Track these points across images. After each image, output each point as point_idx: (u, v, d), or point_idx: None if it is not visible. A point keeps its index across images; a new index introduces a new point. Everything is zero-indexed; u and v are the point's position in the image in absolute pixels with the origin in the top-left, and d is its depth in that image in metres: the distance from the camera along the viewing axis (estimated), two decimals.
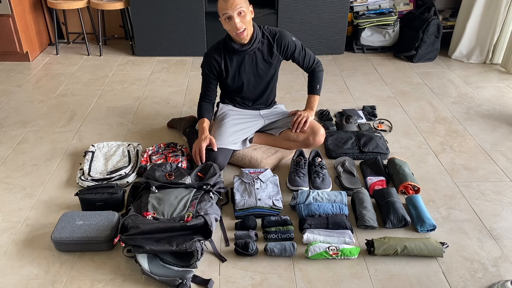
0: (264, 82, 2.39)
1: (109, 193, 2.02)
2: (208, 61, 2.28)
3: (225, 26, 2.12)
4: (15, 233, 1.92)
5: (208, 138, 2.21)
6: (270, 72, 2.37)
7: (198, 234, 1.76)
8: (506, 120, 2.89)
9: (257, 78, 2.35)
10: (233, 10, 2.04)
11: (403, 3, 4.00)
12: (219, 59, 2.26)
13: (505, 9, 3.52)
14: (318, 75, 2.43)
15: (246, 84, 2.36)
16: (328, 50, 3.94)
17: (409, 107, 3.05)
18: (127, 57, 3.90)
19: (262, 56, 2.29)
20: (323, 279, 1.71)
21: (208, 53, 2.28)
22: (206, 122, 2.31)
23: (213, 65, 2.28)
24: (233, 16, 2.05)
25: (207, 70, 2.30)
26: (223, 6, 2.05)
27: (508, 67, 3.57)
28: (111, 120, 2.85)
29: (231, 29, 2.11)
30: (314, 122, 2.40)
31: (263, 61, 2.31)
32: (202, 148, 2.18)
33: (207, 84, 2.35)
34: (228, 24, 2.09)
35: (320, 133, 2.36)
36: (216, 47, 2.28)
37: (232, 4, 2.03)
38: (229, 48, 2.23)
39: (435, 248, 1.79)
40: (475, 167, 2.40)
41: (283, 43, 2.29)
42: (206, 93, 2.37)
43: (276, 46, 2.28)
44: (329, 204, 1.99)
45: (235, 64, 2.28)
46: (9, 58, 3.72)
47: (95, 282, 1.69)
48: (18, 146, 2.56)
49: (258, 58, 2.29)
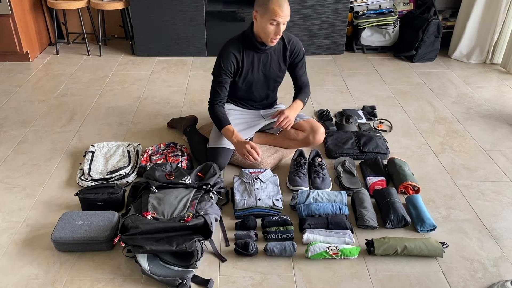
0: (272, 83, 2.39)
1: (109, 193, 2.02)
2: (227, 58, 2.20)
3: (265, 27, 2.08)
4: (15, 233, 1.92)
5: (249, 142, 2.12)
6: (279, 74, 2.36)
7: (198, 234, 1.76)
8: (506, 120, 2.89)
9: (266, 78, 2.34)
10: (284, 19, 2.05)
11: (403, 3, 4.00)
12: (238, 56, 2.22)
13: (505, 9, 3.52)
14: (306, 91, 2.40)
15: (255, 83, 2.34)
16: (328, 50, 3.94)
17: (409, 107, 3.05)
18: (127, 57, 3.90)
19: (276, 58, 2.30)
20: (323, 279, 1.71)
21: (227, 51, 2.20)
22: (233, 129, 2.20)
23: (232, 63, 2.21)
24: (281, 24, 2.07)
25: (224, 68, 2.20)
26: (276, 12, 2.02)
27: (508, 67, 3.57)
28: (111, 120, 2.85)
29: (271, 33, 2.09)
30: (314, 121, 2.40)
31: (276, 62, 2.31)
32: (251, 145, 2.10)
33: (221, 84, 2.24)
34: (272, 28, 2.07)
35: (320, 131, 2.36)
36: (233, 44, 2.22)
37: (285, 14, 2.04)
38: (250, 44, 2.21)
39: (435, 248, 1.79)
40: (475, 167, 2.40)
41: (296, 48, 2.30)
42: (220, 95, 2.25)
43: (290, 50, 2.29)
44: (329, 204, 1.99)
45: (250, 61, 2.25)
46: (9, 58, 3.72)
47: (95, 282, 1.69)
48: (18, 146, 2.56)
49: (272, 58, 2.29)
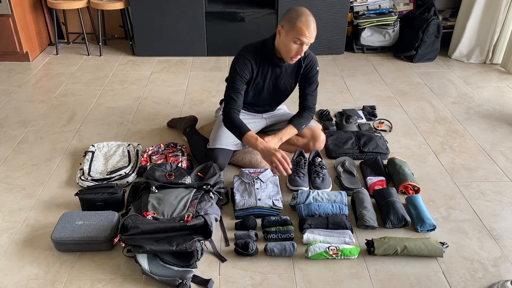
0: (279, 97, 2.36)
1: (109, 193, 2.01)
2: (244, 65, 2.12)
3: (287, 45, 2.01)
4: (15, 233, 1.92)
5: (279, 150, 2.03)
6: (288, 90, 2.32)
7: (198, 234, 1.76)
8: (506, 120, 2.89)
9: (275, 91, 2.30)
10: (309, 40, 1.99)
11: (403, 3, 4.00)
12: (254, 65, 2.15)
13: (505, 9, 3.52)
14: (307, 116, 2.30)
15: (263, 94, 2.29)
16: (328, 50, 3.94)
17: (409, 107, 3.05)
18: (127, 57, 3.90)
19: (289, 73, 2.24)
20: (323, 279, 1.71)
21: (244, 58, 2.13)
22: (255, 135, 2.10)
23: (248, 70, 2.14)
24: (304, 44, 2.01)
25: (240, 74, 2.13)
26: (302, 32, 1.96)
27: (508, 67, 3.57)
28: (111, 120, 2.85)
29: (292, 51, 2.02)
30: (316, 128, 2.39)
31: (289, 77, 2.25)
32: (283, 155, 2.00)
33: (237, 91, 2.14)
34: (295, 46, 2.00)
35: (321, 139, 2.36)
36: (251, 52, 2.15)
37: (311, 35, 1.98)
38: (268, 56, 2.14)
39: (435, 248, 1.79)
40: (475, 167, 2.40)
41: (311, 63, 2.22)
42: (236, 102, 2.14)
43: (304, 65, 2.22)
44: (329, 204, 1.99)
45: (263, 72, 2.19)
46: (9, 58, 3.71)
47: (95, 282, 1.69)
48: (18, 146, 2.56)
49: (286, 73, 2.23)
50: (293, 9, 2.02)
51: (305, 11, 1.99)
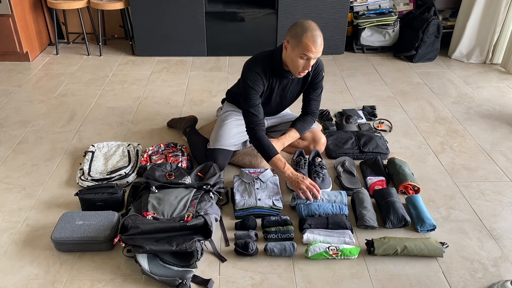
0: (286, 103, 2.35)
1: (109, 193, 2.01)
2: (256, 80, 2.09)
3: (294, 60, 1.98)
4: (15, 233, 1.92)
5: (307, 178, 2.04)
6: (295, 95, 2.30)
7: (198, 234, 1.76)
8: (506, 120, 2.89)
9: (282, 99, 2.29)
10: (315, 55, 1.96)
11: (403, 3, 4.00)
12: (264, 78, 2.11)
13: (505, 9, 3.52)
14: (309, 121, 2.31)
15: (270, 103, 2.28)
16: (328, 50, 3.93)
17: (409, 107, 3.05)
18: (127, 57, 3.90)
19: (296, 81, 2.22)
20: (323, 279, 1.71)
21: (254, 71, 2.09)
22: (284, 160, 2.10)
23: (261, 83, 2.11)
24: (311, 59, 1.98)
25: (254, 87, 2.09)
26: (309, 48, 1.92)
27: (508, 67, 3.57)
28: (111, 120, 2.85)
29: (299, 66, 1.99)
30: (317, 131, 2.39)
31: (296, 86, 2.24)
32: (311, 182, 2.01)
33: (256, 105, 2.10)
34: (302, 62, 1.98)
35: (322, 142, 2.36)
36: (260, 65, 2.11)
37: (318, 50, 1.94)
38: (276, 69, 2.11)
39: (435, 248, 1.79)
40: (475, 167, 2.40)
41: (317, 69, 2.19)
42: (258, 117, 2.11)
43: (312, 72, 2.19)
44: (329, 204, 1.99)
45: (272, 84, 2.17)
46: (9, 58, 3.71)
47: (95, 282, 1.69)
48: (18, 146, 2.56)
49: (293, 82, 2.21)
50: (298, 24, 1.96)
51: (311, 25, 1.94)
